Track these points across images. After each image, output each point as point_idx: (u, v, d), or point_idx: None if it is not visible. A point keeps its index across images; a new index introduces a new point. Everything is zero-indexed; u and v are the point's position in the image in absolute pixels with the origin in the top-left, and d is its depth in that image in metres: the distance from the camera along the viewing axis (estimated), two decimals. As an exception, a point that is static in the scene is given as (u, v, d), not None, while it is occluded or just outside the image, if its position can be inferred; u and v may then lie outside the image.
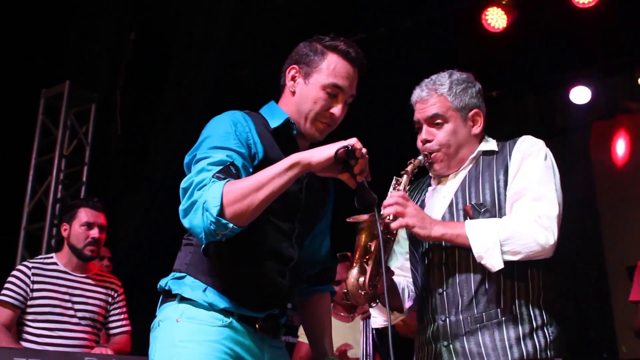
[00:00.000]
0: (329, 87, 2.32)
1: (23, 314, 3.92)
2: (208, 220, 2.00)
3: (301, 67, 2.37)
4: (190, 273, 2.24)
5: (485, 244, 2.29)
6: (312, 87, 2.34)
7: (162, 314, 2.25)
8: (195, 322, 2.17)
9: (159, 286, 2.30)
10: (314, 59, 2.35)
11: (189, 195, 2.07)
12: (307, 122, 2.35)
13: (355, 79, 2.38)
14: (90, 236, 4.07)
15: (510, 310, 2.36)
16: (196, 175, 2.10)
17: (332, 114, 2.34)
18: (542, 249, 2.30)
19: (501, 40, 6.22)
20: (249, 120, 2.30)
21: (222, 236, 2.04)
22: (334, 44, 2.36)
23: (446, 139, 2.53)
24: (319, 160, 2.07)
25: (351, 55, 2.36)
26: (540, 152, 2.46)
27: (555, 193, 2.39)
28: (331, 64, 2.34)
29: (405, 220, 2.32)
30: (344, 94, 2.35)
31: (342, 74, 2.34)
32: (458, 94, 2.55)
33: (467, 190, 2.49)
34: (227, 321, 2.19)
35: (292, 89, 2.38)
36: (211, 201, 2.00)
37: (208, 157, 2.14)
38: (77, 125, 6.40)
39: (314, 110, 2.33)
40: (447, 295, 2.41)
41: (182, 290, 2.21)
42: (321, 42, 2.38)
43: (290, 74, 2.40)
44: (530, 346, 2.33)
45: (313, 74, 2.34)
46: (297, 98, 2.36)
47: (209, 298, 2.19)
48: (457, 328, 2.38)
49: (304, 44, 2.42)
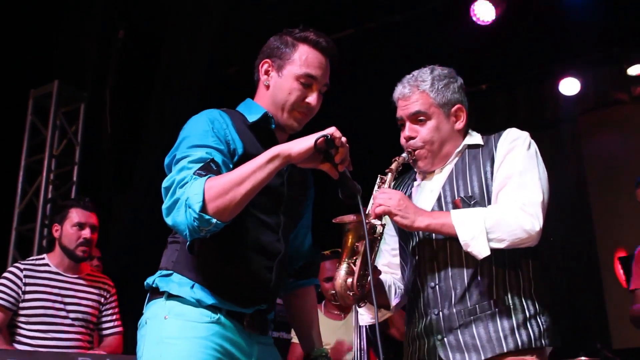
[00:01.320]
0: (303, 77, 2.34)
1: (15, 316, 3.91)
2: (191, 216, 2.00)
3: (273, 61, 2.39)
4: (177, 270, 2.25)
5: (471, 231, 2.30)
6: (286, 79, 2.35)
7: (150, 311, 2.25)
8: (183, 318, 2.18)
9: (145, 284, 2.31)
10: (286, 51, 2.37)
11: (171, 194, 2.08)
12: (284, 113, 2.36)
13: (327, 68, 2.40)
14: (82, 236, 4.07)
15: (503, 301, 2.38)
16: (177, 173, 2.10)
17: (308, 103, 2.36)
18: (528, 236, 2.31)
19: (490, 33, 6.23)
20: (226, 117, 2.31)
21: (206, 232, 2.05)
22: (304, 35, 2.38)
23: (429, 135, 2.53)
24: (299, 151, 2.08)
25: (322, 44, 2.37)
26: (524, 142, 2.47)
27: (539, 181, 2.40)
28: (303, 54, 2.35)
29: (388, 208, 2.33)
30: (318, 83, 2.37)
31: (315, 64, 2.36)
32: (440, 89, 2.55)
33: (455, 183, 2.49)
34: (215, 317, 2.19)
35: (266, 82, 2.40)
36: (193, 198, 2.00)
37: (188, 155, 2.14)
38: (67, 125, 6.37)
39: (289, 101, 2.35)
40: (440, 288, 2.42)
41: (170, 287, 2.22)
42: (291, 35, 2.40)
43: (264, 68, 2.41)
44: (525, 335, 2.34)
45: (286, 66, 2.36)
46: (272, 91, 2.38)
47: (196, 294, 2.19)
48: (450, 321, 2.38)
49: (275, 38, 2.44)
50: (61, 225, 4.11)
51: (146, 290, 2.32)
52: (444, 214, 2.39)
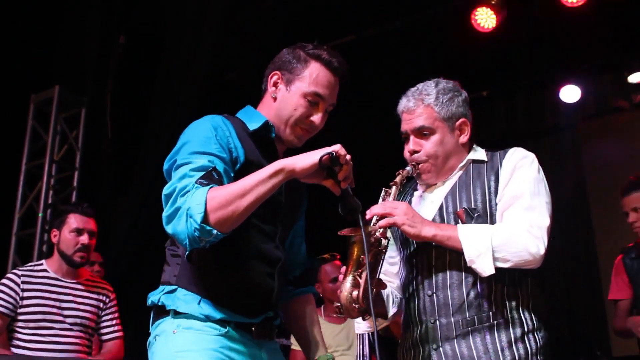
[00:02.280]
0: (310, 95, 2.33)
1: (14, 321, 3.91)
2: (192, 227, 1.99)
3: (283, 74, 2.37)
4: (181, 285, 2.23)
5: (478, 248, 2.30)
6: (294, 94, 2.34)
7: (158, 329, 2.23)
8: (192, 331, 2.16)
9: (149, 302, 2.28)
10: (297, 67, 2.36)
11: (172, 202, 2.06)
12: (286, 128, 2.35)
13: (336, 88, 2.39)
14: (80, 242, 4.06)
15: (502, 313, 2.37)
16: (178, 181, 2.08)
17: (312, 121, 2.35)
18: (532, 259, 2.32)
19: (491, 40, 6.23)
20: (228, 124, 2.29)
21: (206, 242, 2.04)
22: (317, 53, 2.36)
23: (434, 149, 2.52)
24: (303, 167, 2.08)
25: (333, 64, 2.36)
26: (532, 164, 2.47)
27: (546, 205, 2.40)
28: (313, 72, 2.34)
29: (394, 219, 2.32)
30: (325, 102, 2.36)
31: (324, 83, 2.35)
32: (445, 103, 2.53)
33: (458, 195, 2.49)
34: (223, 330, 2.18)
35: (274, 94, 2.39)
36: (195, 208, 1.99)
37: (189, 162, 2.13)
38: (67, 130, 6.37)
39: (294, 117, 2.34)
40: (437, 297, 2.41)
41: (177, 305, 2.20)
42: (304, 50, 2.38)
43: (273, 79, 2.40)
44: (522, 349, 2.34)
45: (295, 81, 2.35)
46: (278, 104, 2.37)
47: (204, 310, 2.18)
48: (448, 330, 2.37)
49: (287, 51, 2.42)
50: (59, 231, 4.10)
51: (150, 307, 2.29)
52: (450, 226, 2.39)
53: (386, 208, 2.35)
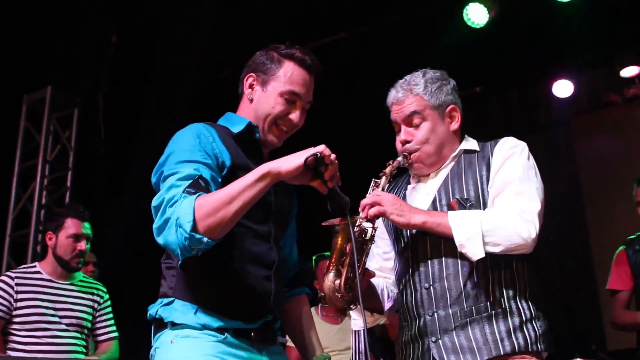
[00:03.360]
0: (286, 93, 2.34)
1: (9, 324, 3.92)
2: (182, 236, 2.00)
3: (258, 75, 2.39)
4: (177, 296, 2.23)
5: (468, 233, 2.30)
6: (270, 94, 2.36)
7: (158, 341, 2.24)
8: (189, 339, 2.17)
9: (149, 315, 2.29)
10: (271, 67, 2.37)
11: (162, 213, 2.07)
12: (265, 127, 2.37)
13: (311, 85, 2.41)
14: (78, 248, 4.07)
15: (499, 303, 2.37)
16: (166, 192, 2.09)
17: (291, 119, 2.37)
18: (523, 242, 2.31)
19: (483, 36, 6.24)
20: (211, 130, 2.30)
21: (197, 251, 2.05)
22: (290, 52, 2.38)
23: (425, 136, 2.52)
24: (288, 169, 2.08)
25: (307, 62, 2.38)
26: (523, 152, 2.48)
27: (536, 191, 2.40)
28: (288, 71, 2.36)
29: (382, 208, 2.33)
30: (301, 100, 2.37)
31: (299, 81, 2.36)
32: (434, 92, 2.54)
33: (451, 186, 2.49)
34: (221, 337, 2.18)
35: (250, 96, 2.40)
36: (184, 217, 2.00)
37: (176, 172, 2.13)
38: (60, 130, 6.37)
39: (272, 115, 2.35)
40: (435, 289, 2.40)
41: (174, 317, 2.20)
42: (277, 51, 2.40)
43: (248, 82, 2.41)
44: (521, 339, 2.33)
45: (270, 81, 2.36)
46: (255, 104, 2.38)
47: (201, 320, 2.18)
48: (446, 322, 2.37)
49: (261, 53, 2.44)
50: (56, 235, 4.09)
51: (150, 320, 2.30)
52: (440, 213, 2.40)
53: (374, 199, 2.35)
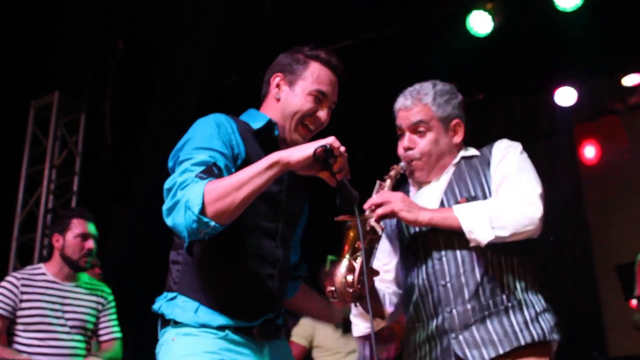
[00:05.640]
0: (315, 92, 2.39)
1: (13, 324, 3.94)
2: (190, 218, 2.03)
3: (285, 75, 2.43)
4: (181, 291, 2.26)
5: (475, 219, 2.34)
6: (298, 93, 2.40)
7: (162, 338, 2.28)
8: (190, 337, 2.20)
9: (153, 309, 2.32)
10: (298, 68, 2.42)
11: (172, 195, 2.10)
12: (292, 124, 2.40)
13: (337, 86, 2.46)
14: (86, 247, 4.10)
15: (515, 296, 2.43)
16: (179, 175, 2.13)
17: (319, 117, 2.41)
18: (530, 223, 2.35)
19: (486, 43, 6.28)
20: (231, 122, 2.34)
21: (204, 234, 2.07)
22: (316, 53, 2.44)
23: (428, 147, 2.58)
24: (298, 159, 2.11)
25: (333, 63, 2.44)
26: (517, 148, 2.55)
27: (535, 177, 2.47)
28: (315, 71, 2.41)
29: (392, 206, 2.37)
30: (328, 100, 2.42)
31: (326, 81, 2.41)
32: (441, 104, 2.60)
33: (457, 187, 2.54)
34: (222, 334, 2.21)
35: (277, 95, 2.44)
36: (193, 200, 2.03)
37: (191, 158, 2.17)
38: (67, 135, 6.40)
39: (301, 112, 2.39)
40: (452, 285, 2.44)
41: (175, 315, 2.24)
42: (303, 52, 2.45)
43: (275, 81, 2.45)
44: (539, 329, 2.40)
45: (298, 81, 2.41)
46: (283, 103, 2.42)
47: (201, 319, 2.21)
48: (465, 318, 2.41)
49: (285, 55, 2.49)
50: (62, 236, 4.12)
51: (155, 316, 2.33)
52: (445, 209, 2.45)
53: (383, 197, 2.40)
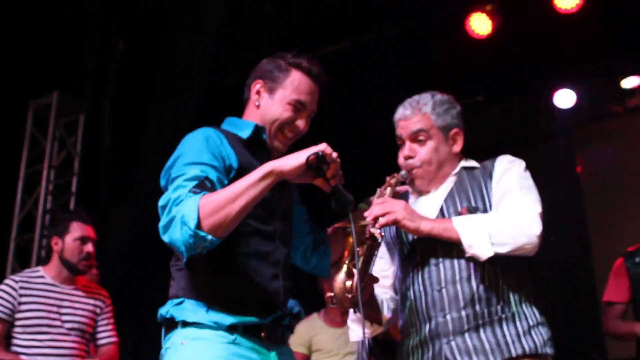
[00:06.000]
0: (293, 102, 2.40)
1: (11, 327, 3.95)
2: (187, 233, 2.04)
3: (266, 82, 2.44)
4: (188, 296, 2.26)
5: (475, 234, 2.37)
6: (277, 101, 2.41)
7: (169, 342, 2.27)
8: (200, 341, 2.19)
9: (159, 316, 2.32)
10: (278, 75, 2.42)
11: (167, 212, 2.11)
12: (272, 131, 2.42)
13: (316, 95, 2.46)
14: (85, 251, 4.11)
15: (509, 307, 2.45)
16: (173, 192, 2.14)
17: (297, 126, 2.42)
18: (529, 240, 2.38)
19: (486, 45, 6.27)
20: (219, 134, 2.35)
21: (202, 249, 2.09)
22: (298, 61, 2.44)
23: (428, 156, 2.61)
24: (291, 168, 2.13)
25: (313, 72, 2.43)
26: (520, 166, 2.58)
27: (535, 196, 2.50)
28: (295, 80, 2.41)
29: (394, 216, 2.37)
30: (307, 109, 2.43)
31: (306, 90, 2.42)
32: (441, 113, 2.63)
33: (457, 197, 2.57)
34: (231, 338, 2.21)
35: (257, 102, 2.45)
36: (188, 215, 2.04)
37: (183, 174, 2.18)
38: (66, 136, 6.40)
39: (279, 120, 2.41)
40: (448, 291, 2.46)
41: (185, 316, 2.23)
42: (285, 59, 2.45)
43: (255, 88, 2.47)
44: (531, 342, 2.42)
45: (278, 89, 2.42)
46: (262, 110, 2.43)
47: (213, 317, 2.21)
48: (459, 324, 2.43)
49: (268, 60, 2.49)
50: (62, 239, 4.13)
51: (160, 322, 2.33)
52: (446, 220, 2.47)
53: (384, 208, 2.40)
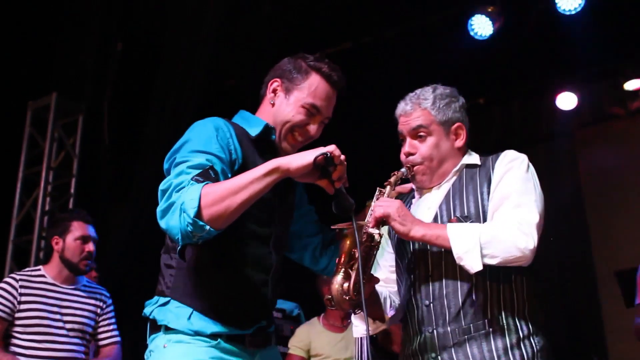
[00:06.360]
0: (308, 106, 2.36)
1: (11, 326, 3.93)
2: (185, 221, 2.00)
3: (283, 82, 2.41)
4: (174, 297, 2.24)
5: (466, 245, 2.31)
6: (292, 103, 2.37)
7: (152, 344, 2.26)
8: (182, 344, 2.18)
9: (144, 313, 2.30)
10: (297, 77, 2.39)
11: (167, 197, 2.08)
12: (282, 132, 2.38)
13: (333, 101, 2.43)
14: (86, 250, 4.10)
15: (497, 321, 2.39)
16: (175, 177, 2.11)
17: (308, 130, 2.39)
18: (521, 254, 2.31)
19: (487, 47, 6.26)
20: (229, 127, 2.32)
21: (198, 238, 2.05)
22: (319, 65, 2.40)
23: (429, 152, 2.56)
24: (297, 166, 2.10)
25: (333, 78, 2.40)
26: (522, 164, 2.49)
27: (535, 203, 2.41)
28: (313, 84, 2.38)
29: (387, 210, 2.34)
30: (321, 115, 2.40)
31: (322, 96, 2.38)
32: (441, 108, 2.58)
33: (452, 203, 2.52)
34: (214, 342, 2.19)
35: (272, 101, 2.42)
36: (189, 202, 2.00)
37: (187, 160, 2.15)
38: (65, 137, 6.38)
39: (291, 122, 2.37)
40: (434, 306, 2.43)
41: (168, 320, 2.21)
42: (306, 61, 2.42)
43: (273, 86, 2.43)
44: (518, 356, 2.35)
45: (294, 90, 2.38)
46: (276, 110, 2.40)
47: (194, 326, 2.19)
48: (445, 339, 2.39)
49: (289, 60, 2.46)
50: (63, 238, 4.11)
51: (144, 319, 2.31)
52: (440, 226, 2.41)
53: (381, 203, 2.38)
